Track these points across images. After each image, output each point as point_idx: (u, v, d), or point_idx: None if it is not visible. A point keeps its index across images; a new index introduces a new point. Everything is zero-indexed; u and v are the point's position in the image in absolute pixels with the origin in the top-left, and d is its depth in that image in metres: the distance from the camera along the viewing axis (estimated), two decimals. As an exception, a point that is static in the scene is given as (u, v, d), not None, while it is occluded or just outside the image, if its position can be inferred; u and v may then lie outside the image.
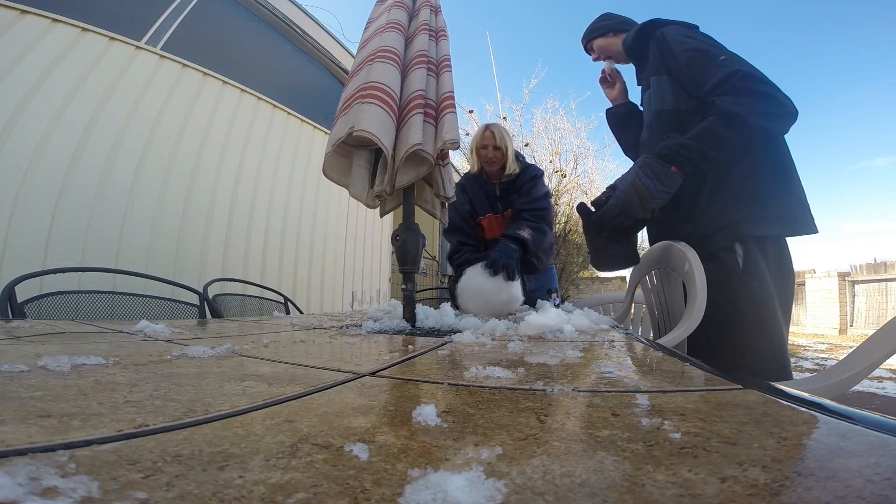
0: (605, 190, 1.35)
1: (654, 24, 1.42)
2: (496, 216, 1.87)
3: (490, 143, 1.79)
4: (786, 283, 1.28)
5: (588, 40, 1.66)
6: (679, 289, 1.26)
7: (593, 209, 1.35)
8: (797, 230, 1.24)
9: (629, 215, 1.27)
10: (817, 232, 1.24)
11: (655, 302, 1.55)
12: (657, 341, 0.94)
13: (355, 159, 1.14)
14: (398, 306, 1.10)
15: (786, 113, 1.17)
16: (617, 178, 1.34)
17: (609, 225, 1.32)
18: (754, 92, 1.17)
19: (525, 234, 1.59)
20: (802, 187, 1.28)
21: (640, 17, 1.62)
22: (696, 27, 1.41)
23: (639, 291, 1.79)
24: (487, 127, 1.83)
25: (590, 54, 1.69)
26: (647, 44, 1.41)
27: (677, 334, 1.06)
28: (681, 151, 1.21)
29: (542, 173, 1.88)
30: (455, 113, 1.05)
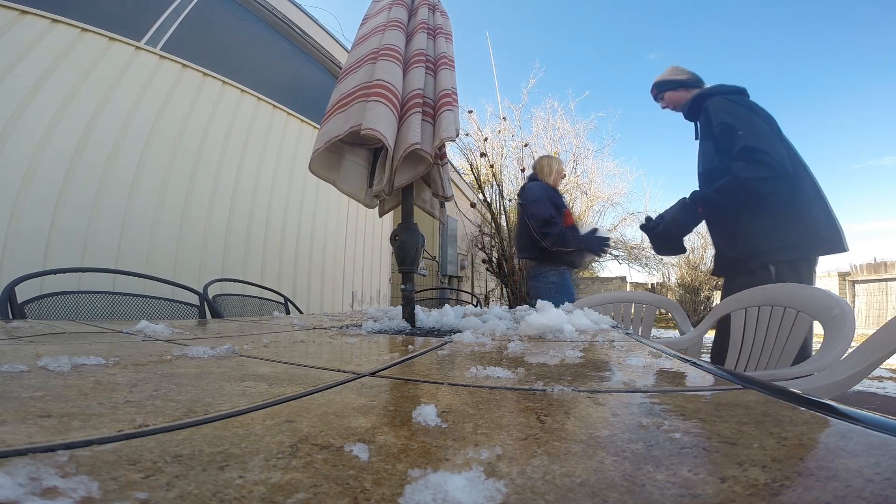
0: (656, 217, 2.03)
1: (703, 97, 1.86)
2: (567, 210, 2.71)
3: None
4: None
5: (659, 91, 2.05)
6: (801, 327, 1.34)
7: (648, 226, 2.06)
8: (810, 253, 1.63)
9: (669, 237, 1.96)
10: (839, 252, 1.62)
11: (751, 334, 1.53)
12: (752, 373, 0.95)
13: (353, 157, 1.14)
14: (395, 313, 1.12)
15: (776, 176, 1.59)
16: (665, 209, 2.02)
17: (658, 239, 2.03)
18: (756, 161, 1.60)
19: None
20: (820, 217, 1.61)
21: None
22: (743, 91, 1.84)
23: (633, 291, 1.82)
24: (562, 162, 2.69)
25: (658, 101, 2.11)
26: (699, 113, 1.88)
27: (817, 366, 1.06)
28: (706, 200, 1.80)
29: None
30: (452, 110, 1.04)
